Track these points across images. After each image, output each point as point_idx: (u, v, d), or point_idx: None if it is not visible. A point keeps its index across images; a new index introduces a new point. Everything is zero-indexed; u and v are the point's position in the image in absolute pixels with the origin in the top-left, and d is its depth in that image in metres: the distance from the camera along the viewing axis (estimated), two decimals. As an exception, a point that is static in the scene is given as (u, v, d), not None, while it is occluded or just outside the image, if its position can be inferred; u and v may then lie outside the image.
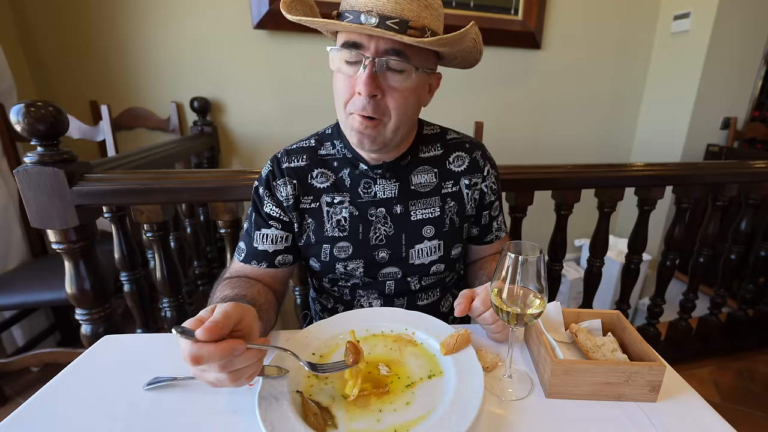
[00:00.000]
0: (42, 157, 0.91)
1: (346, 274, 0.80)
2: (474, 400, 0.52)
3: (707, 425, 0.54)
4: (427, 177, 0.79)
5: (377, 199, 0.77)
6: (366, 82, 0.61)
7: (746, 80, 2.31)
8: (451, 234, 0.81)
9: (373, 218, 0.77)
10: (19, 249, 1.60)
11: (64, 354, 1.45)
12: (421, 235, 0.79)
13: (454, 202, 0.81)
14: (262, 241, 0.77)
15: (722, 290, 1.73)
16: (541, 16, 2.15)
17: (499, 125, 2.27)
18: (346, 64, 0.65)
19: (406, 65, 0.63)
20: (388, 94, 0.65)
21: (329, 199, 0.77)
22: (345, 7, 0.63)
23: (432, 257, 0.80)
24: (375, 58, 0.62)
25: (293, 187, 0.76)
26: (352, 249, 0.78)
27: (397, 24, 0.59)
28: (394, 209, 0.78)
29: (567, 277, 2.40)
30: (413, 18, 0.60)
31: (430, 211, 0.79)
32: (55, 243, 0.98)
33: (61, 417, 0.53)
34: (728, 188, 1.47)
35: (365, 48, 0.62)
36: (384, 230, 0.78)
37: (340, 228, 0.77)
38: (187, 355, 0.44)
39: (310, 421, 0.50)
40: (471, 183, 0.82)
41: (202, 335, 0.44)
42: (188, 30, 1.84)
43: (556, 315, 0.70)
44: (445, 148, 0.81)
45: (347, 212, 0.77)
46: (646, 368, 0.56)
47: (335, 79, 0.68)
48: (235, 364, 0.47)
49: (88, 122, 1.74)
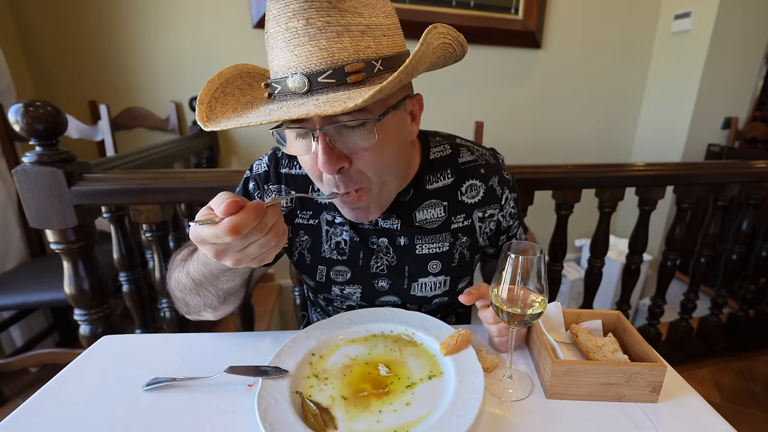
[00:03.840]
0: (41, 157, 0.90)
1: (342, 297, 0.75)
2: (474, 400, 0.52)
3: (708, 426, 0.54)
4: (434, 212, 0.70)
5: (379, 228, 0.70)
6: (324, 160, 0.51)
7: (747, 80, 2.31)
8: (460, 269, 0.74)
9: (374, 246, 0.71)
10: (17, 249, 1.60)
11: (63, 354, 1.45)
12: (426, 269, 0.72)
13: (466, 237, 0.73)
14: None
15: (723, 290, 1.73)
16: (541, 15, 2.15)
17: (499, 125, 2.27)
18: (297, 142, 0.54)
19: (363, 118, 0.51)
20: (356, 159, 0.54)
21: (330, 218, 0.70)
22: (272, 75, 0.52)
23: (436, 291, 0.74)
24: (323, 127, 0.51)
25: (290, 199, 0.70)
26: (350, 274, 0.72)
27: (331, 77, 0.47)
28: (398, 240, 0.71)
29: (567, 278, 2.39)
30: (348, 58, 0.48)
31: (437, 246, 0.71)
32: (54, 243, 0.97)
33: (59, 417, 0.53)
34: (729, 188, 1.47)
35: (307, 120, 0.51)
36: (386, 260, 0.72)
37: (339, 251, 0.71)
38: (224, 230, 0.41)
39: (309, 421, 0.50)
40: (485, 215, 0.73)
41: (227, 209, 0.41)
42: (187, 29, 1.84)
43: (557, 315, 0.69)
44: (457, 176, 0.71)
45: (348, 236, 0.70)
46: (646, 369, 0.55)
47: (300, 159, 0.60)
48: (269, 221, 0.45)
49: (87, 122, 1.74)
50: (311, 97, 0.48)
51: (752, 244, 1.72)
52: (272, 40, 0.49)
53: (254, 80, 0.61)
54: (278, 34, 0.48)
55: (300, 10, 0.46)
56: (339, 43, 0.47)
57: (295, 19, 0.46)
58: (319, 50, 0.47)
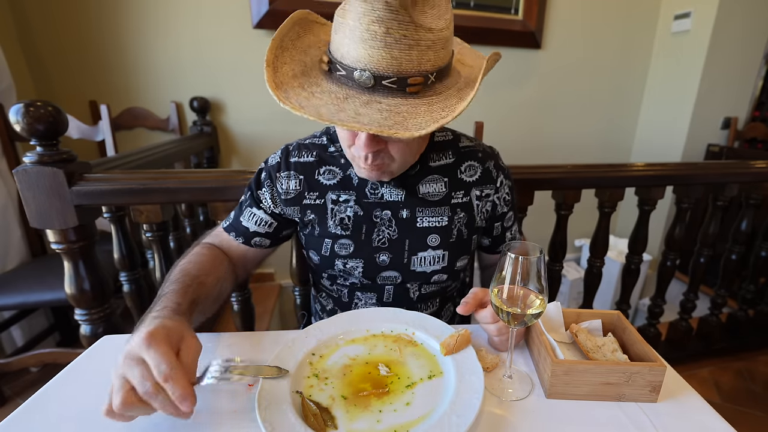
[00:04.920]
0: (41, 157, 0.90)
1: (345, 272, 0.79)
2: (474, 400, 0.52)
3: (708, 425, 0.54)
4: (436, 186, 0.77)
5: (384, 201, 0.76)
6: (366, 144, 0.60)
7: (747, 80, 2.31)
8: (457, 245, 0.79)
9: (377, 220, 0.76)
10: (18, 249, 1.60)
11: (64, 354, 1.45)
12: (425, 243, 0.77)
13: (464, 213, 0.78)
14: (249, 218, 0.79)
15: (723, 290, 1.73)
16: (541, 15, 2.15)
17: (499, 125, 2.27)
18: None
19: None
20: (390, 146, 0.63)
21: (335, 197, 0.76)
22: (336, 53, 0.57)
23: (435, 267, 0.78)
24: None
25: (299, 182, 0.76)
26: (353, 248, 0.77)
27: (394, 83, 0.54)
28: (400, 213, 0.76)
29: (567, 277, 2.40)
30: (412, 70, 0.54)
31: (437, 220, 0.77)
32: (55, 243, 0.97)
33: (60, 417, 0.53)
34: (729, 188, 1.47)
35: None
36: (388, 233, 0.77)
37: (343, 226, 0.77)
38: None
39: (309, 421, 0.50)
40: (482, 194, 0.79)
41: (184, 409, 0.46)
42: (188, 29, 1.84)
43: (557, 315, 0.70)
44: (457, 157, 0.78)
45: (352, 211, 0.76)
46: (646, 369, 0.55)
47: None
48: None
49: (88, 122, 1.74)
50: (373, 95, 0.55)
51: (752, 244, 1.72)
52: (348, 31, 0.54)
53: (303, 29, 0.65)
54: (357, 30, 0.53)
55: (385, 18, 0.51)
56: (408, 55, 0.53)
57: (377, 24, 0.51)
58: (391, 58, 0.53)
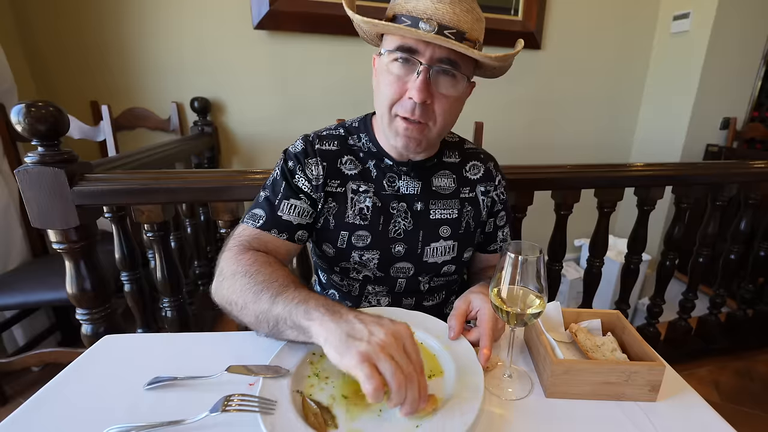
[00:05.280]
0: (43, 157, 0.91)
1: (360, 264, 0.80)
2: (474, 400, 0.52)
3: (707, 424, 0.54)
4: (447, 181, 0.82)
5: (400, 194, 0.79)
6: (420, 88, 0.64)
7: (746, 80, 2.31)
8: (465, 237, 0.84)
9: (394, 211, 0.79)
10: (19, 249, 1.60)
11: (65, 354, 1.45)
12: (437, 234, 0.81)
13: (471, 207, 0.84)
14: (289, 211, 0.75)
15: (722, 290, 1.73)
16: (541, 16, 2.15)
17: (499, 125, 2.27)
18: (398, 67, 0.66)
19: (458, 74, 0.66)
20: (437, 100, 0.67)
21: (355, 187, 0.78)
22: (400, 11, 0.65)
23: (445, 257, 0.82)
24: (430, 66, 0.64)
25: (323, 168, 0.77)
26: (370, 239, 0.79)
27: (454, 35, 0.62)
28: (415, 206, 0.80)
29: (567, 277, 2.40)
30: (468, 30, 0.63)
31: (448, 212, 0.82)
32: (56, 243, 0.98)
33: (61, 417, 0.53)
34: (728, 188, 1.47)
35: (420, 54, 0.64)
36: (403, 224, 0.80)
37: (362, 216, 0.78)
38: None
39: (310, 420, 0.50)
40: (485, 190, 0.85)
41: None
42: (188, 30, 1.84)
43: (556, 315, 0.70)
44: (463, 157, 0.85)
45: (370, 202, 0.78)
46: (645, 368, 0.56)
47: (380, 79, 0.70)
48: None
49: (89, 122, 1.75)
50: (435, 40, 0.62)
51: (751, 243, 1.72)
52: None
53: None
54: None
55: None
56: (466, 17, 0.63)
57: None
58: (453, 14, 0.62)
